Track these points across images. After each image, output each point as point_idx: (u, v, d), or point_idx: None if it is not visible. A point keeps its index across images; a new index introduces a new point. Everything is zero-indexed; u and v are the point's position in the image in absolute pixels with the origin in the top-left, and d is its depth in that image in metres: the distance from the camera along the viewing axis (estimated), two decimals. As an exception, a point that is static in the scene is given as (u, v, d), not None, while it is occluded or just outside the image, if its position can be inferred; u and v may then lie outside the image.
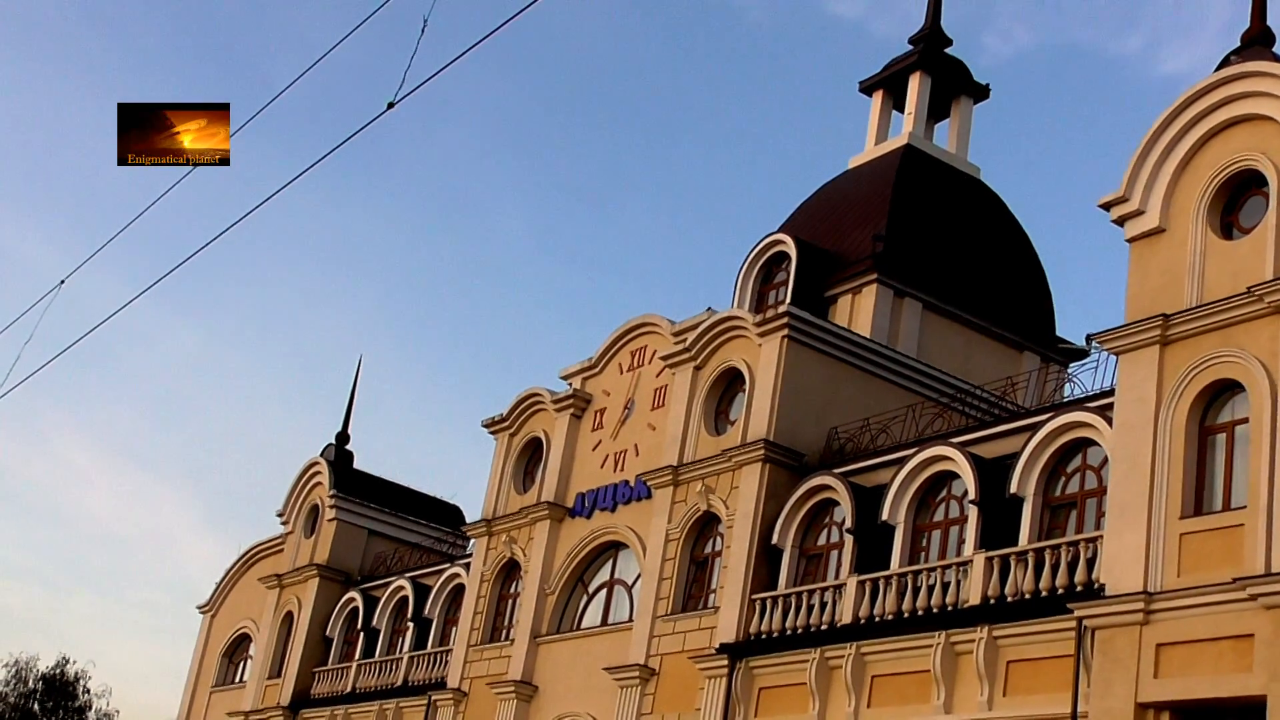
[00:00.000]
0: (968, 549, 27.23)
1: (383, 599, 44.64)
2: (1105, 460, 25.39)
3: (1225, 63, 25.37)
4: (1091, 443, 25.91)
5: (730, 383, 34.52)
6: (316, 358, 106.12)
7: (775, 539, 31.30)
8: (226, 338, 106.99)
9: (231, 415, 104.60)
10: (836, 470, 31.00)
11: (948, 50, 43.54)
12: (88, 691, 67.04)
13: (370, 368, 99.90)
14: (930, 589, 27.40)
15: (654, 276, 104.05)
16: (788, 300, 37.14)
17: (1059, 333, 40.62)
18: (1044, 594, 25.09)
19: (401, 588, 44.10)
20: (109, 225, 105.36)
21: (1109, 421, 24.95)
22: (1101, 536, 24.33)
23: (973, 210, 41.44)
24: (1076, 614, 23.75)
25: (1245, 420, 22.76)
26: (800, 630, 29.72)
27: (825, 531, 31.06)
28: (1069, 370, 37.30)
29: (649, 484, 34.98)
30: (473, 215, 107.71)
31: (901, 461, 29.40)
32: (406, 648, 42.90)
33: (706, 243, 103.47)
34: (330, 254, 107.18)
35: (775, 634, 30.20)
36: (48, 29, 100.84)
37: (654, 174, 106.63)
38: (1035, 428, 26.87)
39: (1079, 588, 24.46)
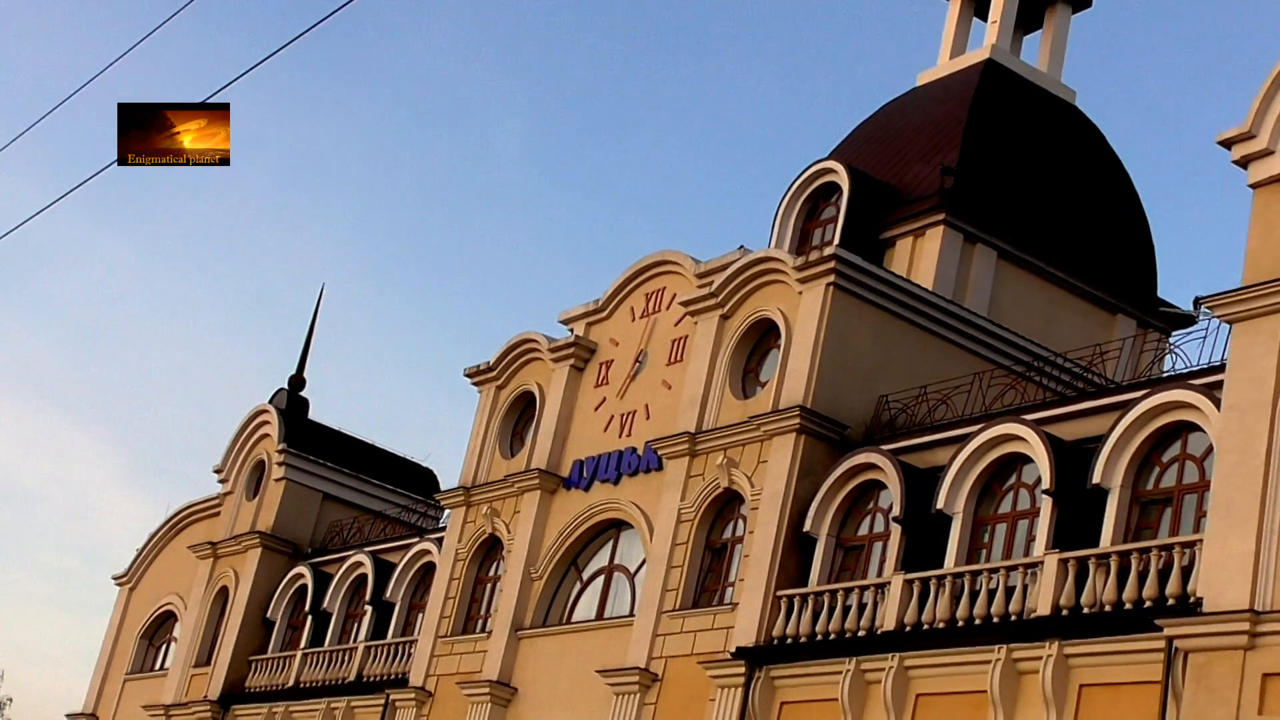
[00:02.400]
0: (1038, 548, 27.24)
1: (336, 576, 44.82)
2: (1210, 449, 25.33)
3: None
4: (1194, 427, 25.85)
5: (763, 336, 34.49)
6: (269, 285, 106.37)
7: (808, 525, 31.34)
8: (160, 256, 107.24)
9: (163, 350, 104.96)
10: (885, 447, 30.99)
11: (1042, -54, 43.40)
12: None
13: (333, 300, 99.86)
14: (991, 594, 27.42)
15: (676, 207, 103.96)
16: (836, 241, 37.08)
17: (1161, 294, 40.62)
18: (1128, 607, 25.07)
19: (360, 564, 44.27)
20: (17, 117, 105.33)
21: (1216, 403, 24.87)
22: (1201, 541, 24.28)
23: (1064, 141, 41.29)
24: (1166, 633, 23.72)
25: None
26: (833, 636, 29.77)
27: (868, 519, 31.08)
28: (1171, 339, 37.26)
29: (660, 453, 35.03)
30: (460, 125, 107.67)
31: (963, 440, 29.37)
32: (362, 636, 43.12)
33: (740, 170, 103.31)
34: (290, 164, 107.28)
35: (803, 639, 30.25)
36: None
37: (680, 84, 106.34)
38: (1126, 406, 26.80)
39: (1170, 601, 24.42)
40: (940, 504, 29.07)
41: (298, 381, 51.52)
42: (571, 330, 39.62)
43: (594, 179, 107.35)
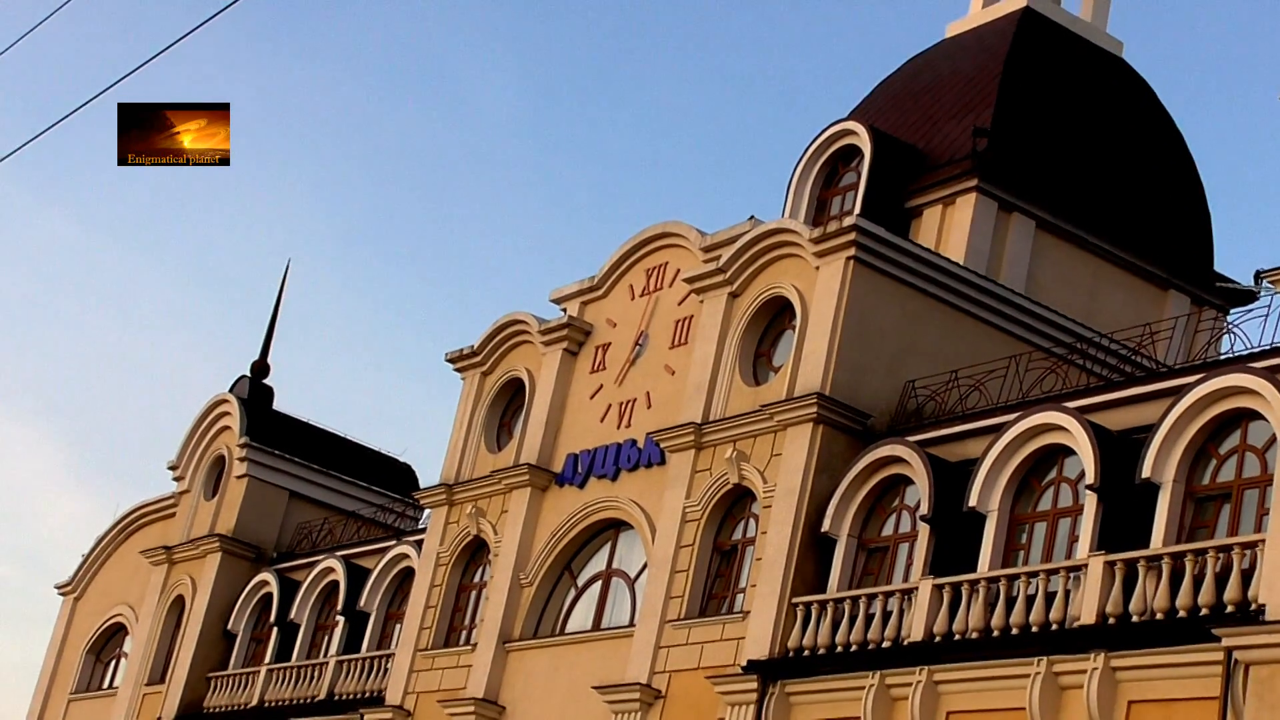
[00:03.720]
0: (1082, 550, 27.27)
1: (305, 584, 44.87)
2: (1273, 440, 25.40)
3: None
4: (1255, 415, 25.89)
5: (776, 316, 34.56)
6: (228, 261, 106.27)
7: (827, 525, 31.42)
8: (107, 230, 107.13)
9: (110, 333, 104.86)
10: (912, 438, 31.05)
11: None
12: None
13: (300, 278, 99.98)
14: (1029, 600, 27.47)
15: (680, 174, 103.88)
16: (856, 210, 37.11)
17: (1218, 268, 40.65)
18: (1181, 614, 25.12)
19: (330, 570, 44.33)
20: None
21: None
22: (1263, 541, 24.33)
23: (1109, 98, 41.28)
24: (1225, 643, 23.79)
25: None
26: (855, 647, 29.86)
27: (893, 518, 31.15)
28: (1229, 318, 37.22)
29: (663, 446, 35.09)
30: (444, 84, 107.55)
31: (998, 430, 29.41)
32: (334, 650, 43.19)
33: (750, 132, 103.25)
34: (252, 127, 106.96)
35: (821, 650, 30.33)
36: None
37: (684, 38, 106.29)
38: (1180, 392, 26.83)
39: (1229, 608, 24.48)
40: (973, 501, 29.11)
41: (261, 368, 51.54)
42: (564, 310, 39.64)
43: (589, 143, 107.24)
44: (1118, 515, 27.20)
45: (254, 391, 50.66)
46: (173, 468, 51.21)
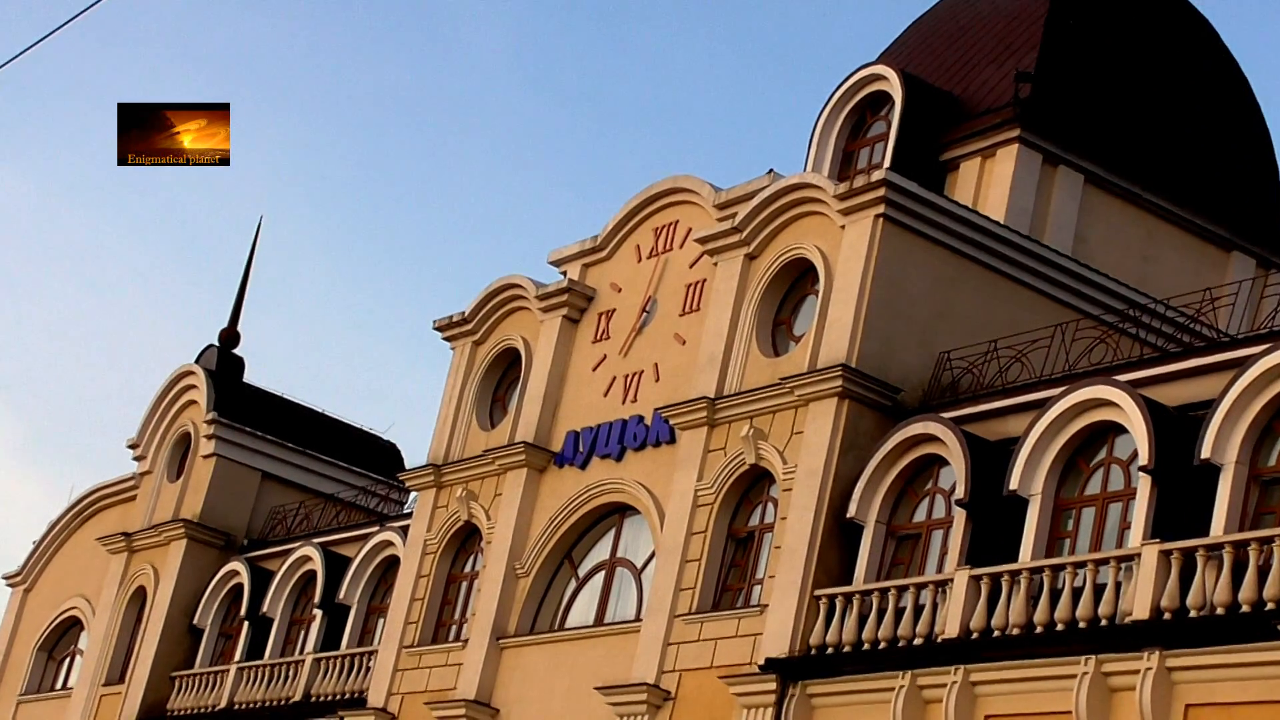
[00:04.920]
0: (1134, 538, 27.30)
1: (279, 574, 44.97)
2: (1344, 416, 25.39)
3: None
4: (1326, 389, 25.90)
5: (797, 280, 34.59)
6: (194, 219, 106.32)
7: (853, 511, 31.46)
8: (61, 188, 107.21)
9: (66, 299, 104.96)
10: (947, 414, 31.09)
11: None
12: None
13: (273, 237, 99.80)
14: (1075, 593, 27.48)
15: (691, 124, 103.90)
16: (886, 162, 37.14)
17: (1285, 227, 40.63)
18: (1244, 609, 25.10)
19: (307, 559, 44.43)
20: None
21: (1353, 359, 24.95)
22: (1333, 527, 24.36)
23: (1167, 39, 41.27)
24: (1291, 639, 23.84)
25: None
26: (883, 645, 29.91)
27: (926, 502, 31.22)
28: (1297, 283, 37.26)
29: (673, 422, 35.15)
30: (430, 23, 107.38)
31: (1042, 405, 29.42)
32: (310, 647, 43.31)
33: (769, 78, 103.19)
34: (219, 70, 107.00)
35: (846, 648, 30.41)
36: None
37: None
38: (1244, 364, 26.82)
39: (1296, 601, 24.53)
40: (1014, 484, 29.12)
41: (230, 337, 51.60)
42: (564, 274, 39.68)
43: (591, 89, 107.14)
44: (1174, 500, 27.21)
45: (223, 362, 50.73)
46: (133, 446, 51.26)
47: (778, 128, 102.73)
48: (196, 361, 50.78)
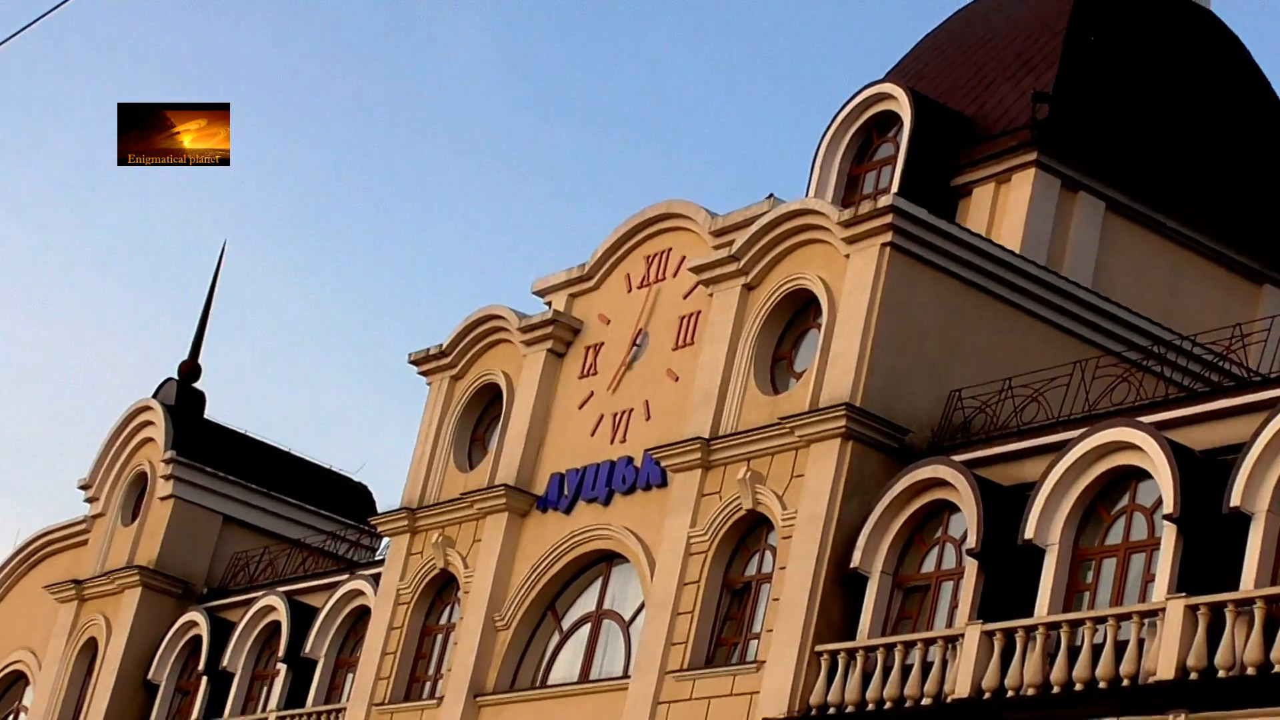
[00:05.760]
0: (1158, 591, 27.30)
1: (241, 625, 44.90)
2: (1384, 462, 25.38)
3: None
4: (1363, 433, 25.90)
5: (798, 313, 34.62)
6: (153, 244, 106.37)
7: (857, 560, 31.45)
8: (11, 211, 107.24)
9: (13, 327, 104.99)
10: (958, 457, 31.09)
11: None
12: None
13: (237, 265, 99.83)
14: (1095, 650, 27.46)
15: (686, 145, 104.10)
16: (893, 187, 37.17)
17: (1321, 258, 40.68)
18: (1276, 669, 25.14)
19: (271, 609, 44.35)
20: None
21: (1393, 401, 24.95)
22: (1371, 581, 24.34)
23: (1194, 57, 41.35)
24: (1326, 701, 23.82)
25: None
26: (889, 704, 29.87)
27: (935, 552, 31.23)
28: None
29: (664, 464, 35.13)
30: (408, 38, 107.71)
31: (1061, 448, 29.42)
32: (274, 703, 43.24)
33: (770, 97, 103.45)
34: (180, 81, 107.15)
35: (849, 708, 30.36)
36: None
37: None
38: (1275, 406, 26.83)
39: (1331, 660, 24.53)
40: (1029, 533, 29.14)
41: (191, 369, 51.61)
42: (549, 304, 39.71)
43: (579, 108, 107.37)
44: (1201, 551, 27.22)
45: (182, 397, 50.72)
46: (84, 487, 51.21)
47: (778, 149, 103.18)
48: (154, 396, 50.77)
